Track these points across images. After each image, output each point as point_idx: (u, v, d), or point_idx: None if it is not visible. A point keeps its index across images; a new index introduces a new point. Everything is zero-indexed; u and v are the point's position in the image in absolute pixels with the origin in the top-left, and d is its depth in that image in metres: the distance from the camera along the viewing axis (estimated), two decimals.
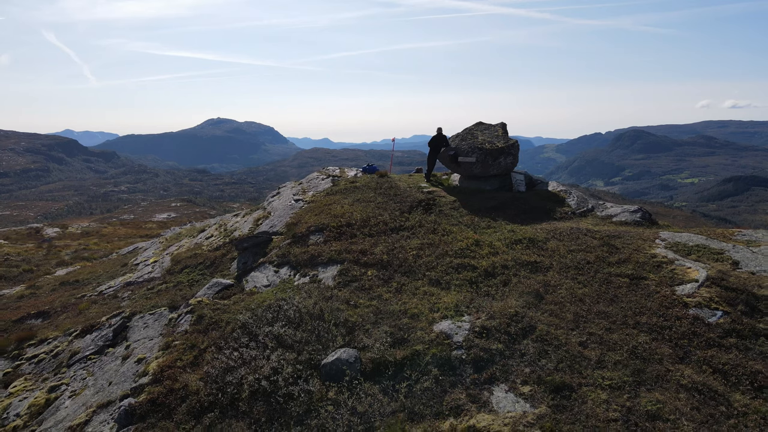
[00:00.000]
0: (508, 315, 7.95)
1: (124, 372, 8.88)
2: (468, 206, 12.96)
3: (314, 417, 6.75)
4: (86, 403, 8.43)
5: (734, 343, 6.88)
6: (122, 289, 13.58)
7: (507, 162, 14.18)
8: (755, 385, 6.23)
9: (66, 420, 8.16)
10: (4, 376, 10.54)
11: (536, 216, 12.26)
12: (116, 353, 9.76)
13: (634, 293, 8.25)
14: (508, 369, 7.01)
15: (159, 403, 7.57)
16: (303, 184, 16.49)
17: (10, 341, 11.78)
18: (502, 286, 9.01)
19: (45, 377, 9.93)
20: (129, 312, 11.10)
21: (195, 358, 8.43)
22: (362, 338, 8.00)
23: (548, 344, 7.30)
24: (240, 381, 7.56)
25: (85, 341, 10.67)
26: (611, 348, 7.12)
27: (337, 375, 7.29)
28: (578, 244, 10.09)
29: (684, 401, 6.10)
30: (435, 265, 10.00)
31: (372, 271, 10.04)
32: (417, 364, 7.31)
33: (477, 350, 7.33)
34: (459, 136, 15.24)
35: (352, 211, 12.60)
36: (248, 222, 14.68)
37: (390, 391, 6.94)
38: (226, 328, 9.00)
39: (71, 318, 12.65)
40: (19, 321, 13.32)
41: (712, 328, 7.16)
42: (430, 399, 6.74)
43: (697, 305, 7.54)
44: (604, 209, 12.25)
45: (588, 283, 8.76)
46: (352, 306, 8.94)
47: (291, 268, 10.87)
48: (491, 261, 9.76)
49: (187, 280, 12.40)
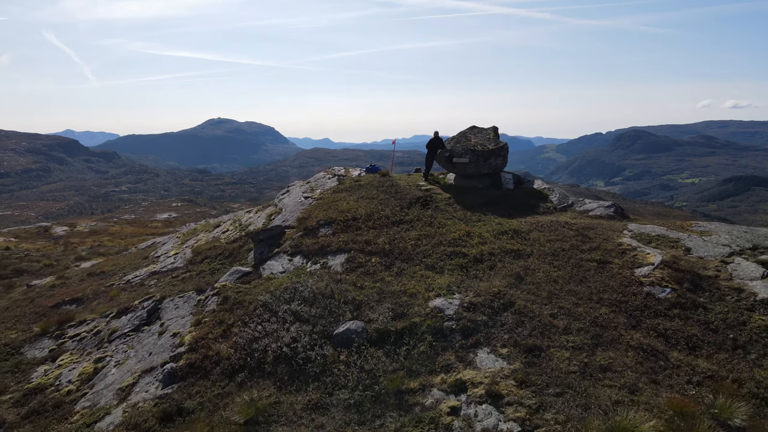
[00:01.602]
0: (492, 293, 9.34)
1: (162, 344, 10.28)
2: (461, 202, 14.37)
3: (329, 375, 8.14)
4: (131, 370, 9.82)
5: (677, 313, 8.28)
6: (148, 278, 14.97)
7: (497, 162, 15.59)
8: (690, 345, 7.62)
9: (115, 383, 9.55)
10: (50, 352, 11.94)
11: (522, 211, 13.67)
12: (152, 330, 11.16)
13: (600, 275, 9.65)
14: (491, 336, 8.40)
15: (196, 366, 8.96)
16: (311, 182, 17.89)
17: (51, 323, 13.17)
18: (488, 270, 10.41)
19: (89, 352, 11.32)
20: (159, 296, 12.49)
21: (224, 332, 9.81)
22: (368, 313, 9.40)
23: (524, 316, 8.69)
24: (264, 348, 8.94)
25: (122, 321, 12.07)
26: (576, 318, 8.51)
27: (347, 342, 8.69)
28: (556, 234, 11.49)
29: (631, 358, 7.49)
30: (431, 253, 11.40)
31: (375, 258, 11.44)
32: (414, 332, 8.70)
33: (465, 321, 8.72)
34: (454, 139, 16.65)
35: (357, 206, 14.01)
36: (261, 217, 16.07)
37: (391, 354, 8.33)
38: (249, 306, 10.38)
39: (104, 303, 14.04)
40: (55, 307, 14.71)
41: (660, 301, 8.56)
42: (425, 360, 8.13)
43: (651, 284, 8.93)
44: (583, 204, 13.66)
45: (562, 267, 10.16)
46: (359, 287, 10.34)
47: (303, 257, 12.27)
48: (480, 249, 11.16)
49: (208, 269, 13.79)
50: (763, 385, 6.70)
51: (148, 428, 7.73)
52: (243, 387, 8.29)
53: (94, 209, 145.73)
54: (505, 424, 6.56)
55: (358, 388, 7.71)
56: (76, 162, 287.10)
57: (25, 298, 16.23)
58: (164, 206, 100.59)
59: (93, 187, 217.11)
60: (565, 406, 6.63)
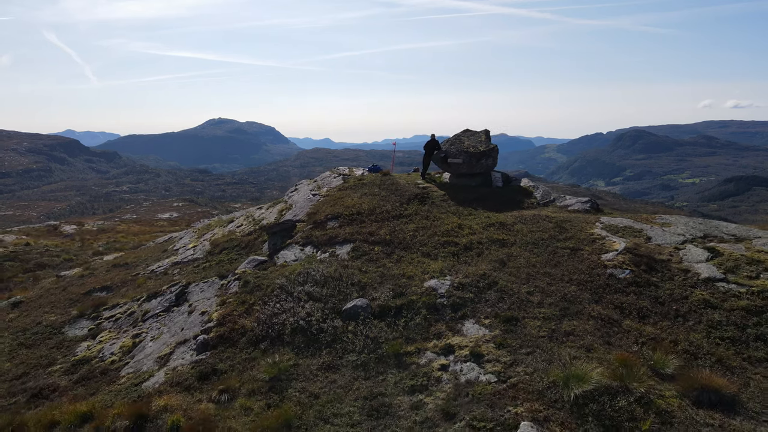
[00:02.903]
0: (479, 275, 10.86)
1: (192, 321, 11.80)
2: (455, 198, 15.90)
3: (339, 342, 9.66)
4: (166, 342, 11.34)
5: (633, 290, 9.79)
6: (171, 268, 16.48)
7: (488, 163, 17.11)
8: (640, 315, 9.14)
9: (153, 353, 11.07)
10: (89, 331, 13.47)
11: (509, 206, 15.19)
12: (181, 310, 12.67)
13: (572, 260, 11.16)
14: (476, 309, 9.92)
15: (225, 337, 10.48)
16: (317, 181, 19.41)
17: (87, 307, 14.69)
18: (476, 257, 11.93)
19: (125, 330, 12.85)
20: (185, 282, 14.01)
21: (247, 309, 11.33)
22: (371, 292, 10.91)
23: (505, 293, 10.21)
24: (283, 322, 10.46)
25: (152, 304, 13.58)
26: (549, 295, 10.03)
27: (354, 316, 10.21)
28: (537, 226, 13.01)
29: (591, 325, 9.01)
30: (426, 242, 12.92)
31: (378, 247, 12.95)
32: (411, 308, 10.22)
33: (454, 298, 10.24)
34: (449, 141, 18.16)
35: (360, 202, 15.53)
36: (273, 213, 17.59)
37: (392, 325, 9.85)
38: (267, 289, 11.90)
39: (132, 290, 15.56)
40: (87, 294, 16.22)
41: (620, 280, 10.07)
42: (420, 329, 9.65)
43: (614, 266, 10.44)
44: (563, 200, 15.17)
45: (540, 253, 11.68)
46: (363, 272, 11.85)
47: (313, 247, 13.78)
48: (470, 239, 12.68)
49: (227, 259, 15.30)
50: (695, 345, 8.21)
51: (188, 385, 9.24)
52: (266, 353, 9.80)
53: (96, 209, 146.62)
54: (484, 376, 8.07)
55: (364, 352, 9.23)
56: (77, 162, 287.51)
57: (57, 287, 17.75)
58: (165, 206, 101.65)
59: (94, 187, 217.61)
60: (533, 361, 8.15)
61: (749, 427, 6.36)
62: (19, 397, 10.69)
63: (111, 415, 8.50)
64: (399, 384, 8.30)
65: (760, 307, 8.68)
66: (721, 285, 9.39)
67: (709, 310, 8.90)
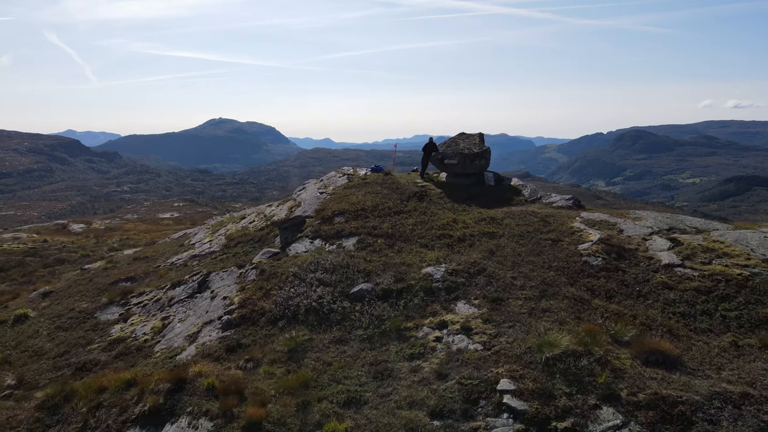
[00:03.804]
0: (470, 263, 12.31)
1: (215, 305, 13.24)
2: (450, 196, 17.35)
3: (347, 320, 11.09)
4: (193, 323, 12.78)
5: (603, 274, 11.24)
6: (190, 260, 17.91)
7: (481, 163, 18.56)
8: (608, 295, 10.59)
9: (182, 332, 12.51)
10: (120, 315, 14.91)
11: (499, 203, 16.65)
12: (204, 296, 14.11)
13: (553, 249, 12.61)
14: (467, 292, 11.36)
15: (247, 317, 11.92)
16: (324, 180, 20.86)
17: (116, 295, 16.12)
18: (468, 247, 13.38)
19: (153, 314, 14.28)
20: (206, 271, 15.46)
21: (264, 294, 12.77)
22: (375, 278, 12.36)
23: (493, 278, 11.66)
24: (297, 304, 11.89)
25: (177, 291, 15.02)
26: (530, 279, 11.47)
27: (360, 298, 11.65)
28: (524, 220, 14.46)
29: (565, 304, 10.45)
30: (424, 235, 14.37)
31: (381, 240, 14.40)
32: (410, 291, 11.66)
33: (448, 282, 11.68)
34: (445, 144, 19.61)
35: (364, 200, 16.97)
36: (283, 210, 19.03)
37: (394, 305, 11.29)
38: (282, 276, 13.33)
39: (155, 280, 16.99)
40: (113, 284, 17.65)
41: (593, 267, 11.52)
42: (418, 309, 11.09)
43: (588, 254, 11.89)
44: (549, 198, 16.62)
45: (525, 244, 13.13)
46: (368, 261, 13.30)
47: (322, 240, 15.22)
48: (463, 232, 14.13)
49: (242, 251, 16.73)
50: (651, 318, 9.66)
51: (218, 356, 10.68)
52: (284, 330, 11.25)
53: (97, 209, 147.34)
54: (472, 345, 9.51)
55: (370, 328, 10.67)
56: (77, 162, 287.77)
57: (84, 278, 19.19)
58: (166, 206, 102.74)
59: (95, 187, 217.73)
60: (513, 332, 9.59)
61: (685, 380, 7.81)
62: (64, 371, 12.14)
63: (153, 380, 9.93)
64: (400, 353, 9.75)
65: (709, 288, 10.13)
66: (679, 270, 10.84)
67: (666, 290, 10.36)
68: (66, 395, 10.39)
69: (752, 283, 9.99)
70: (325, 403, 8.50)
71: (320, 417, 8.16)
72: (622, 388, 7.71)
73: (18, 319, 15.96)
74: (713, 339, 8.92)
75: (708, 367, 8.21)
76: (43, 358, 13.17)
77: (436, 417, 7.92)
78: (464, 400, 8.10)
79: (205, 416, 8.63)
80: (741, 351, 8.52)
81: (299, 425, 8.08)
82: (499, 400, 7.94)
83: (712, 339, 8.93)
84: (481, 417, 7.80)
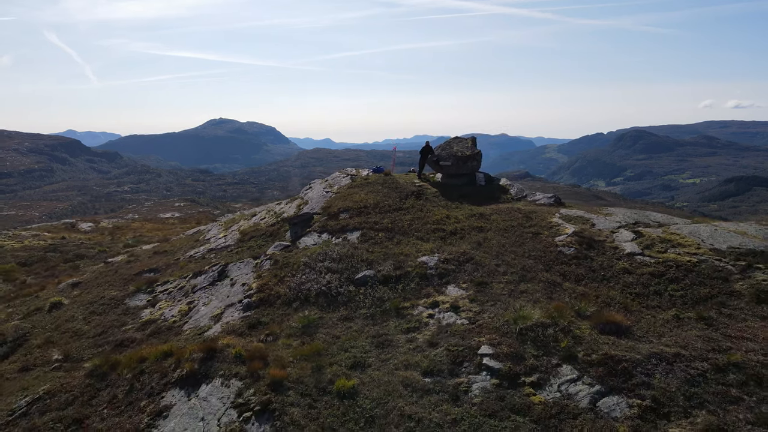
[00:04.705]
0: (460, 253, 14.03)
1: (235, 290, 14.96)
2: (445, 195, 19.08)
3: (353, 302, 12.81)
4: (216, 306, 14.50)
5: (575, 262, 12.96)
6: (207, 253, 19.63)
7: (473, 165, 20.29)
8: (577, 279, 12.31)
9: (207, 314, 14.23)
10: (148, 302, 16.62)
11: (488, 200, 18.38)
12: (224, 283, 15.83)
13: (533, 241, 14.33)
14: (457, 277, 13.08)
15: (264, 300, 13.63)
16: (329, 180, 22.60)
17: (142, 284, 17.84)
18: (459, 240, 15.10)
19: (179, 299, 16.00)
20: (224, 262, 17.18)
21: (279, 281, 14.48)
22: (377, 266, 14.07)
23: (479, 266, 13.37)
24: (309, 288, 13.61)
25: (198, 280, 16.74)
26: (512, 266, 13.19)
27: (364, 282, 13.36)
28: (509, 216, 16.18)
29: (540, 287, 12.17)
30: (420, 229, 16.09)
31: (381, 233, 16.12)
32: (408, 276, 13.38)
33: (440, 269, 13.40)
34: (440, 147, 21.34)
35: (366, 198, 18.69)
36: (292, 207, 20.76)
37: (393, 288, 13.01)
38: (294, 265, 15.05)
39: (177, 271, 18.70)
40: (137, 274, 19.37)
41: (566, 255, 13.24)
42: (414, 291, 12.80)
43: (563, 245, 13.61)
44: (533, 196, 18.35)
45: (509, 237, 14.85)
46: (370, 252, 15.01)
47: (329, 234, 16.94)
48: (455, 226, 15.86)
49: (256, 245, 18.45)
50: (611, 297, 11.37)
51: (241, 332, 12.40)
52: (297, 310, 12.96)
53: (98, 209, 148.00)
54: (459, 320, 11.22)
55: (372, 307, 12.39)
56: (78, 162, 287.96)
57: (109, 270, 20.91)
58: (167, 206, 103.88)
59: (96, 187, 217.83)
60: (494, 310, 11.31)
61: (631, 344, 9.53)
62: (104, 347, 13.87)
63: (188, 351, 11.63)
64: (398, 327, 11.46)
65: (662, 272, 11.85)
66: (638, 257, 12.57)
67: (626, 275, 12.08)
68: (111, 365, 12.11)
69: (698, 268, 11.71)
70: (335, 367, 10.21)
71: (331, 376, 9.87)
72: (579, 351, 9.43)
73: (53, 306, 17.69)
74: (660, 313, 10.64)
75: (652, 335, 9.93)
76: (82, 337, 14.89)
77: (428, 375, 9.63)
78: (451, 362, 9.81)
79: (235, 377, 10.34)
80: (681, 323, 10.24)
81: (314, 383, 9.79)
82: (480, 361, 9.65)
83: (659, 313, 10.65)
84: (464, 375, 9.51)
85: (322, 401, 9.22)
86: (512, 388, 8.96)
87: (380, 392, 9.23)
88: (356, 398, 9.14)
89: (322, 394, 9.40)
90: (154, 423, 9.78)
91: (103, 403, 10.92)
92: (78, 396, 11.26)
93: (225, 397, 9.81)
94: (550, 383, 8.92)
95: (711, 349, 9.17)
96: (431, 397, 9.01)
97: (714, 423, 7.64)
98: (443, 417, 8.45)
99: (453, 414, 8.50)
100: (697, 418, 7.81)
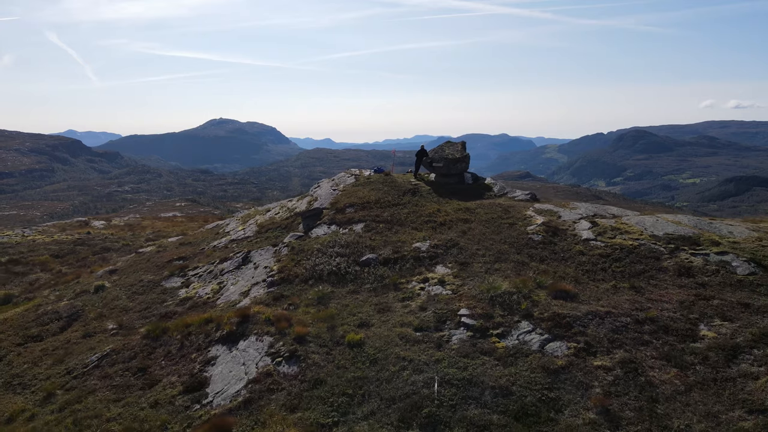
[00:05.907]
0: (447, 240, 16.82)
1: (259, 272, 17.74)
2: (437, 192, 21.88)
3: (359, 279, 15.59)
4: (244, 285, 17.27)
5: (541, 246, 15.76)
6: (229, 243, 22.41)
7: (462, 166, 23.12)
8: (541, 259, 15.11)
9: (236, 291, 17.01)
10: (182, 283, 19.39)
11: (474, 197, 21.20)
12: (248, 267, 18.62)
13: (509, 230, 17.13)
14: (444, 259, 15.88)
15: (284, 279, 16.41)
16: (335, 180, 25.41)
17: (175, 269, 20.61)
18: (447, 229, 17.90)
19: (209, 281, 18.78)
20: (246, 250, 19.96)
21: (296, 263, 17.26)
22: (378, 251, 16.87)
23: (463, 250, 16.17)
24: (321, 269, 16.38)
25: (225, 265, 19.52)
26: (490, 250, 15.99)
27: (367, 264, 16.15)
28: (491, 210, 18.99)
29: (511, 266, 14.96)
30: (415, 221, 18.90)
31: (382, 224, 18.92)
32: (404, 259, 16.17)
33: (431, 253, 16.20)
34: (434, 150, 24.16)
35: (369, 195, 21.50)
36: (303, 203, 23.56)
37: (392, 268, 15.80)
38: (308, 251, 17.83)
39: (204, 258, 21.47)
40: (168, 262, 22.13)
41: (535, 241, 16.04)
42: (409, 270, 15.59)
43: (533, 233, 16.40)
44: (513, 193, 21.17)
45: (490, 227, 17.65)
46: (372, 239, 17.81)
47: (337, 225, 19.73)
48: (444, 218, 18.66)
49: (273, 235, 21.23)
50: (566, 273, 14.16)
51: (267, 303, 15.18)
52: (313, 286, 15.75)
53: (99, 209, 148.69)
54: (444, 291, 14.02)
55: (374, 283, 15.17)
56: (79, 162, 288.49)
57: (141, 259, 23.68)
58: (168, 206, 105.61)
59: (96, 187, 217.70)
60: (473, 283, 14.11)
61: (575, 305, 12.32)
62: (151, 318, 16.65)
63: (226, 317, 14.43)
64: (395, 297, 14.26)
65: (608, 254, 14.66)
66: (592, 242, 15.37)
67: (581, 256, 14.89)
68: (162, 330, 14.91)
69: (637, 250, 14.51)
70: (346, 326, 13.00)
71: (343, 332, 12.66)
72: (535, 311, 12.23)
73: (98, 288, 20.45)
74: (602, 284, 13.44)
75: (593, 299, 12.72)
76: (130, 312, 17.67)
77: (418, 330, 12.41)
78: (436, 321, 12.61)
79: (266, 334, 13.14)
80: (617, 291, 13.04)
81: (330, 337, 12.58)
82: (459, 320, 12.45)
83: (601, 284, 13.45)
84: (446, 329, 12.30)
85: (337, 349, 12.01)
86: (482, 338, 11.75)
87: (381, 343, 12.01)
88: (363, 347, 11.92)
89: (336, 345, 12.20)
90: (205, 369, 12.58)
91: (161, 356, 13.74)
92: (138, 352, 14.08)
93: (260, 348, 12.61)
94: (511, 334, 11.71)
95: (635, 308, 11.98)
96: (420, 345, 11.79)
97: (627, 357, 10.45)
98: (429, 357, 11.24)
99: (436, 356, 11.28)
100: (616, 355, 10.62)
